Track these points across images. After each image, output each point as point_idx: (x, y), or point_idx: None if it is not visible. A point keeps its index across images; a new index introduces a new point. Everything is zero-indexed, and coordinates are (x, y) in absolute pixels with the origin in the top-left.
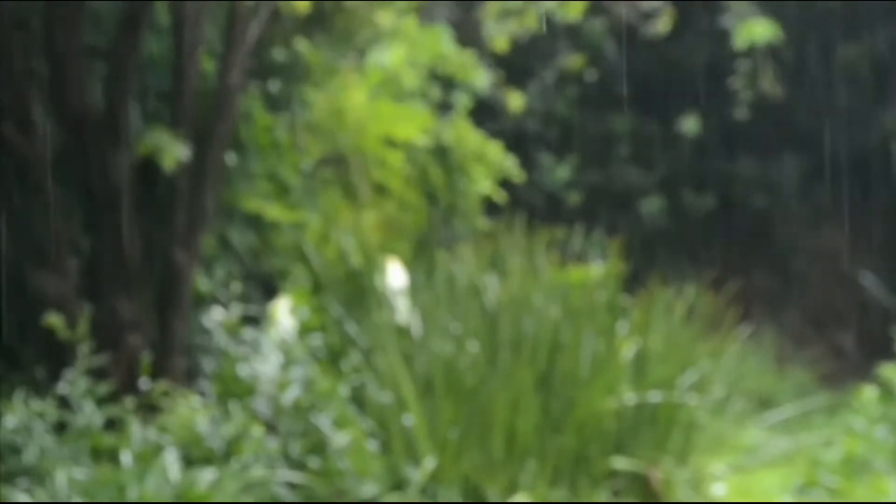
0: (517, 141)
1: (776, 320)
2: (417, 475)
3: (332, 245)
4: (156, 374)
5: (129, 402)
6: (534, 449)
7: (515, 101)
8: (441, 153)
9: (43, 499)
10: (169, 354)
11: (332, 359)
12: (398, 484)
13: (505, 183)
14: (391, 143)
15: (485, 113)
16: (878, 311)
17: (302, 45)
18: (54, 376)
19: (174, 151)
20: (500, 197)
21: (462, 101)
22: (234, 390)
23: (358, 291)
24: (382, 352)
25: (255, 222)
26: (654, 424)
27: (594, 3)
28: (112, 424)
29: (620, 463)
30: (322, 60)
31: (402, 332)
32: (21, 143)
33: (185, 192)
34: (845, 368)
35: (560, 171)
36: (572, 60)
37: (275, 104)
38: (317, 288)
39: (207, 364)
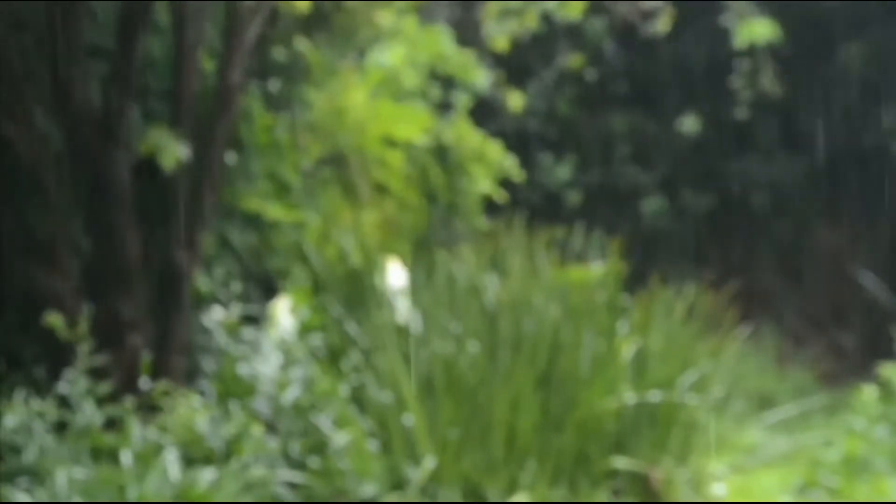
0: (517, 141)
1: (776, 320)
2: (417, 475)
3: (332, 245)
4: (156, 374)
5: (129, 402)
6: (534, 449)
7: (515, 100)
8: (441, 153)
9: (43, 499)
10: (169, 354)
11: (332, 359)
12: (398, 484)
13: (505, 183)
14: (391, 143)
15: (485, 113)
16: (878, 311)
17: (302, 44)
18: (54, 376)
19: (174, 151)
20: (500, 197)
21: (462, 100)
22: (234, 390)
23: (358, 291)
24: (382, 352)
25: (255, 222)
26: (654, 424)
27: (594, 3)
28: (112, 424)
29: (620, 463)
30: (322, 60)
31: (402, 332)
32: (21, 143)
33: (185, 192)
34: (845, 368)
35: (560, 171)
36: (572, 60)
37: (275, 104)
38: (317, 288)
39: (207, 364)
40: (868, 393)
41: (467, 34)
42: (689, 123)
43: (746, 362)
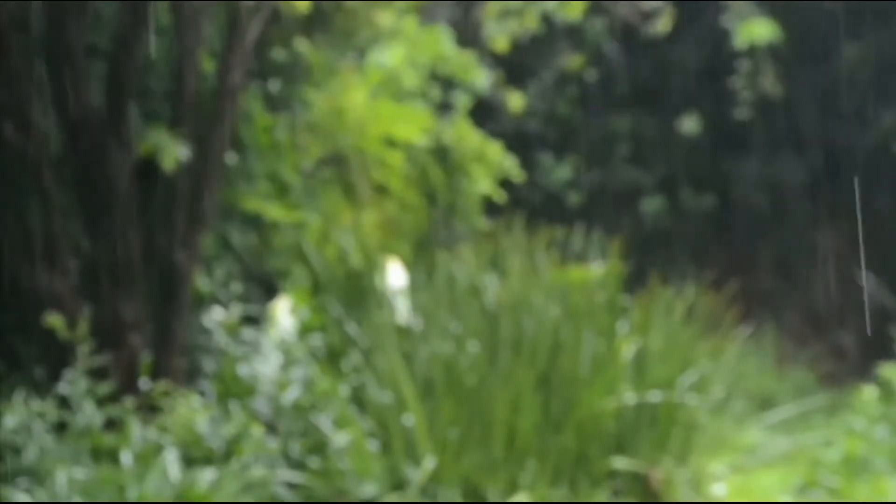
0: (517, 141)
1: (776, 320)
2: (417, 475)
3: (332, 245)
4: (156, 374)
5: (129, 402)
6: (534, 449)
7: (515, 101)
8: (441, 153)
9: (43, 499)
10: (169, 354)
11: (332, 359)
12: (398, 484)
13: (505, 183)
14: (391, 143)
15: (485, 113)
16: (878, 311)
17: (302, 45)
18: (54, 376)
19: (174, 151)
20: (500, 197)
21: (462, 101)
22: (234, 390)
23: (358, 291)
24: (382, 352)
25: (255, 222)
26: (654, 424)
27: (594, 3)
28: (112, 424)
29: (620, 463)
30: (322, 60)
31: (402, 332)
32: (21, 143)
33: (185, 192)
34: (845, 368)
35: (560, 171)
36: (572, 60)
37: (275, 104)
38: (317, 288)
39: (207, 364)
40: (868, 393)
41: (467, 34)
42: (689, 123)
43: (746, 362)
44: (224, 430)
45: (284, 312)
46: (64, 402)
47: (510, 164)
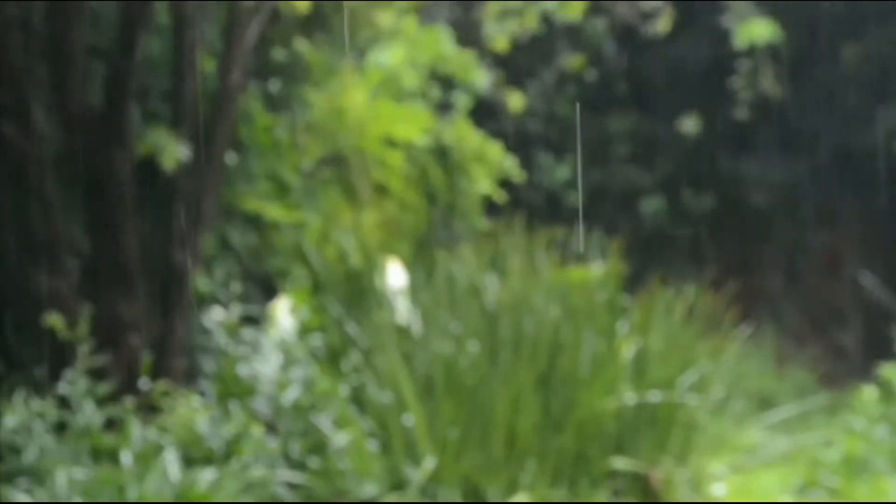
0: (517, 141)
1: (776, 320)
2: (417, 475)
3: (332, 245)
4: (156, 374)
5: (129, 402)
6: (534, 449)
7: (515, 101)
8: (441, 153)
9: (43, 499)
10: (169, 354)
11: (332, 359)
12: (398, 484)
13: (505, 183)
14: (391, 143)
15: (485, 113)
16: (878, 311)
17: (302, 45)
18: (54, 376)
19: (174, 151)
20: (500, 197)
21: (462, 101)
22: (234, 390)
23: (358, 291)
24: (382, 352)
25: (255, 222)
26: (654, 424)
27: (594, 3)
28: (112, 424)
29: (620, 463)
30: (322, 60)
31: (402, 332)
32: (21, 143)
33: (185, 192)
34: (845, 368)
35: (560, 171)
36: (572, 60)
37: (275, 104)
38: (317, 288)
39: (207, 364)
40: (868, 393)
41: (467, 34)
42: (689, 124)
43: (746, 362)
44: (224, 430)
45: (284, 312)
46: (64, 402)
47: (510, 164)
